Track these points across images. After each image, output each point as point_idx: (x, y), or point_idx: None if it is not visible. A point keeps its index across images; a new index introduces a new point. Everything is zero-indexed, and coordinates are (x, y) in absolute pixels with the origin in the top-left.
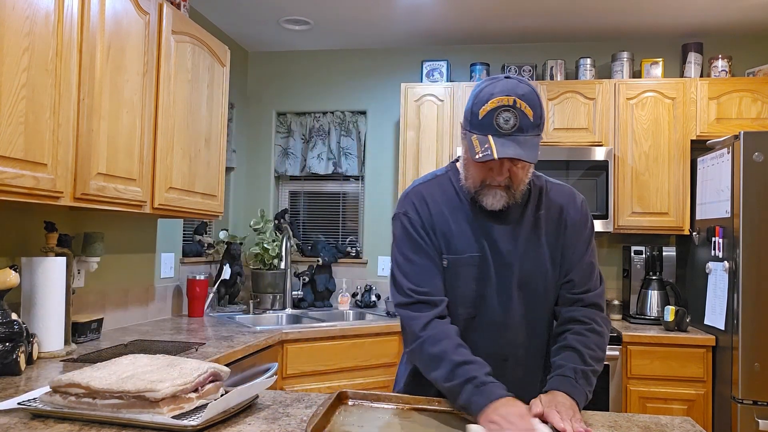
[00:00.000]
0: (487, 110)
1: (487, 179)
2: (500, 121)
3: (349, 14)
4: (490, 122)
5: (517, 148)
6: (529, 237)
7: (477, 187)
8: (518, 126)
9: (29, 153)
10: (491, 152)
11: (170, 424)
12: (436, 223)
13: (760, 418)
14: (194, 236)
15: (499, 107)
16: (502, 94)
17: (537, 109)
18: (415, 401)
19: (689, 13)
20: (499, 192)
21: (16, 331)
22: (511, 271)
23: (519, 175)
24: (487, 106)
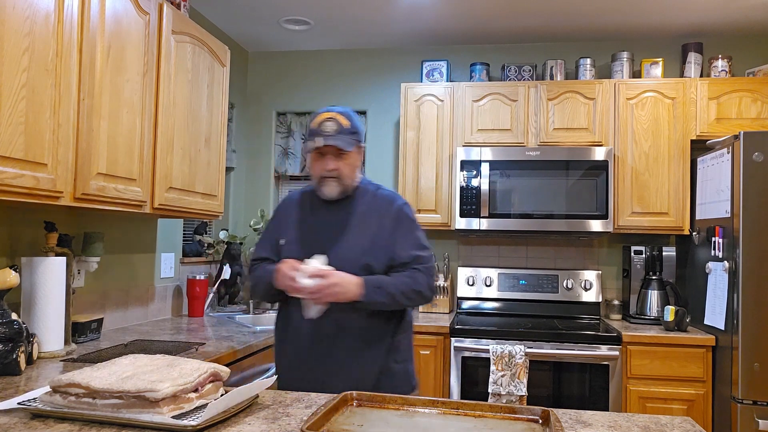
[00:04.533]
0: (318, 122)
1: (322, 173)
2: (324, 127)
3: (349, 14)
4: (318, 129)
5: (335, 140)
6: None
7: (318, 181)
8: (338, 129)
9: (29, 153)
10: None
11: (170, 424)
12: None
13: (760, 418)
14: (194, 236)
15: (324, 119)
16: (324, 112)
17: (352, 121)
18: (420, 403)
19: (689, 13)
20: (333, 182)
21: (16, 331)
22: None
23: (344, 169)
24: (317, 120)
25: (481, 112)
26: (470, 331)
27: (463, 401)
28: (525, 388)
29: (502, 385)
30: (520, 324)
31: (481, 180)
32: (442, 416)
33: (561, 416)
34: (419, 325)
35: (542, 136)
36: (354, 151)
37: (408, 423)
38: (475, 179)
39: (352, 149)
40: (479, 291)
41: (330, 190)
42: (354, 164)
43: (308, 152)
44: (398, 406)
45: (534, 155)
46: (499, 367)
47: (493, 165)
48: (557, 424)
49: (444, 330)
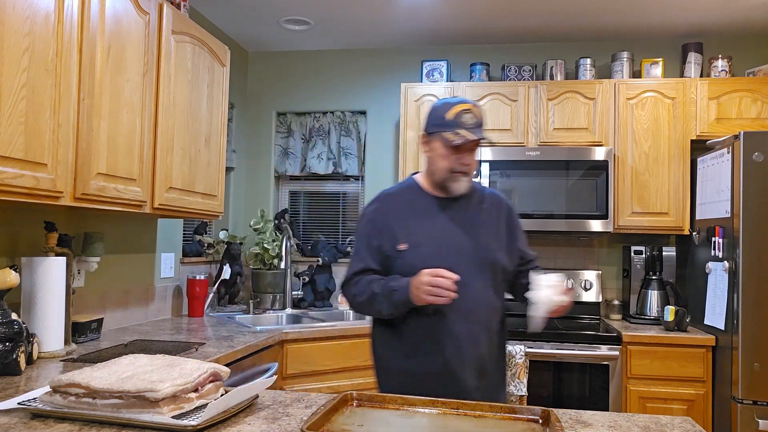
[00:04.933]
0: (455, 113)
1: (456, 167)
2: (465, 119)
3: (349, 14)
4: (458, 120)
5: (479, 134)
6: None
7: (446, 176)
8: (478, 122)
9: (29, 153)
10: (466, 137)
11: (170, 424)
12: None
13: (760, 418)
14: (194, 236)
15: (463, 110)
16: (461, 103)
17: (482, 114)
18: (420, 403)
19: (689, 13)
20: (464, 178)
21: (16, 331)
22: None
23: (474, 164)
24: (454, 110)
25: None
26: None
27: (463, 401)
28: (525, 388)
29: None
30: (520, 324)
31: (481, 180)
32: (442, 416)
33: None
34: None
35: (542, 136)
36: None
37: (408, 423)
38: (474, 179)
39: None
40: None
41: (461, 185)
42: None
43: (448, 146)
44: (398, 406)
45: (534, 155)
46: None
47: (493, 165)
48: (557, 424)
49: None
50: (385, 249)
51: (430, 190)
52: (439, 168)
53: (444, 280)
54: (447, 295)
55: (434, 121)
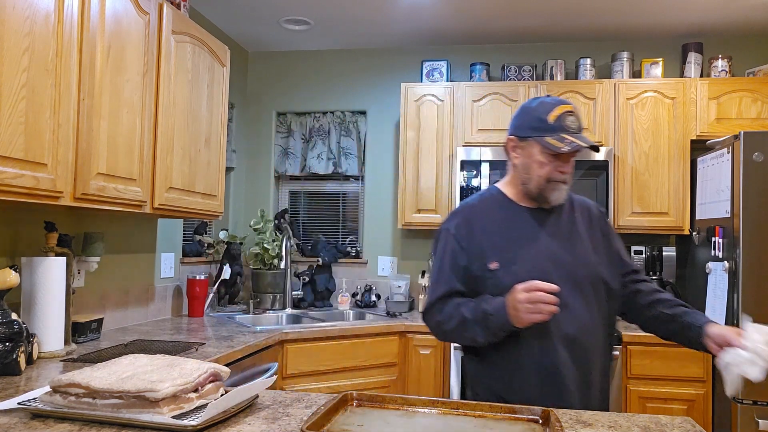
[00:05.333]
0: (556, 115)
1: (554, 176)
2: (568, 123)
3: (349, 14)
4: (561, 124)
5: (587, 140)
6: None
7: (543, 186)
8: (580, 126)
9: (29, 153)
10: (576, 143)
11: (170, 424)
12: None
13: (760, 418)
14: (194, 236)
15: (565, 112)
16: (561, 104)
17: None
18: (420, 403)
19: (689, 13)
20: (563, 186)
21: (16, 331)
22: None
23: (572, 172)
24: (556, 112)
25: (481, 112)
26: None
27: (463, 401)
28: None
29: None
30: None
31: (481, 180)
32: (442, 416)
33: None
34: (419, 325)
35: None
36: None
37: (408, 423)
38: (475, 179)
39: None
40: None
41: (560, 195)
42: None
43: (549, 153)
44: (398, 406)
45: None
46: None
47: (494, 165)
48: (557, 424)
49: None
50: (473, 269)
51: (519, 200)
52: (535, 176)
53: (542, 293)
54: (548, 310)
55: (530, 123)
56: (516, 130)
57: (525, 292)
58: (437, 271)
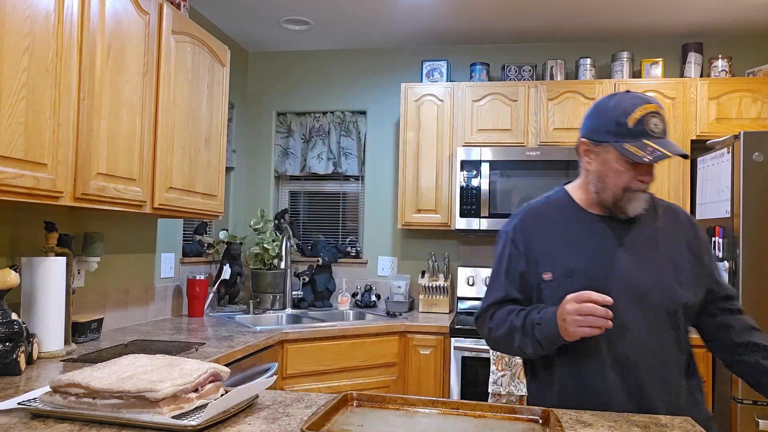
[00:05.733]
0: (637, 118)
1: (632, 185)
2: (651, 126)
3: (349, 14)
4: (643, 128)
5: (671, 147)
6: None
7: (619, 196)
8: (664, 129)
9: (29, 153)
10: (661, 152)
11: (170, 424)
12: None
13: (760, 418)
14: (194, 236)
15: (648, 113)
16: (646, 103)
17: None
18: (420, 403)
19: (689, 13)
20: (643, 196)
21: (16, 331)
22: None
23: (653, 179)
24: (636, 114)
25: (481, 112)
26: (470, 331)
27: (463, 401)
28: (525, 388)
29: (503, 385)
30: None
31: (481, 180)
32: (442, 416)
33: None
34: (419, 325)
35: (542, 136)
36: None
37: (408, 423)
38: (475, 179)
39: None
40: (479, 291)
41: (638, 206)
42: None
43: (629, 161)
44: (398, 406)
45: (534, 155)
46: (500, 367)
47: (493, 165)
48: (557, 424)
49: (444, 330)
50: (529, 276)
51: (588, 206)
52: (610, 185)
53: (593, 306)
54: (600, 324)
55: (606, 126)
56: (589, 132)
57: (575, 302)
58: (493, 276)
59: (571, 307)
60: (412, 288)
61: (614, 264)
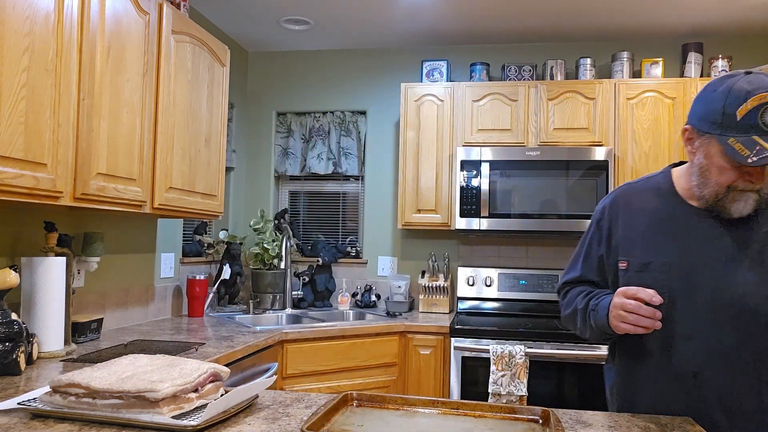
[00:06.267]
0: (748, 109)
1: (738, 184)
2: (766, 120)
3: (349, 14)
4: (754, 122)
5: None
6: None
7: (722, 194)
8: None
9: (29, 153)
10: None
11: (170, 424)
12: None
13: None
14: (194, 236)
15: (763, 105)
16: (762, 91)
17: None
18: (420, 403)
19: (689, 13)
20: (751, 196)
21: (16, 331)
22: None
23: (765, 180)
24: (748, 105)
25: (481, 112)
26: (470, 331)
27: (463, 401)
28: (525, 388)
29: (502, 385)
30: (520, 324)
31: (481, 180)
32: (442, 416)
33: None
34: (419, 325)
35: (542, 136)
36: None
37: (408, 423)
38: (475, 179)
39: None
40: (479, 291)
41: (744, 207)
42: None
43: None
44: (398, 406)
45: (534, 155)
46: (499, 367)
47: (493, 165)
48: (557, 425)
49: (444, 330)
50: (608, 262)
51: (688, 197)
52: (712, 182)
53: (638, 304)
54: (643, 324)
55: (713, 115)
56: (695, 119)
57: (623, 296)
58: (575, 254)
59: (618, 300)
60: (412, 288)
61: (697, 261)
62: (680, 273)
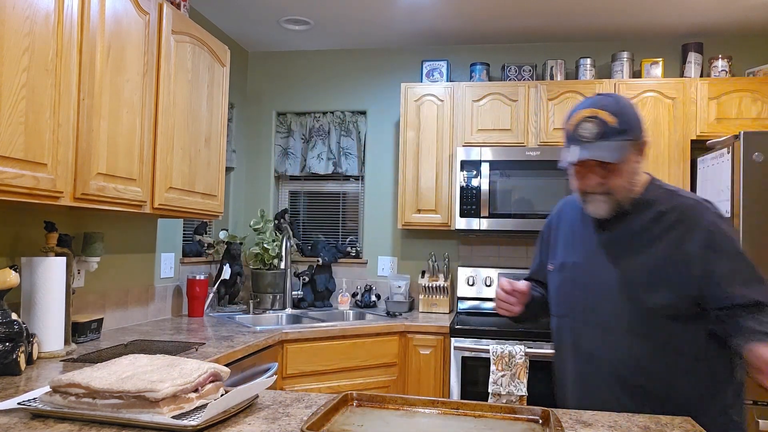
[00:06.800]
0: (573, 124)
1: (583, 188)
2: (581, 131)
3: (349, 14)
4: (574, 134)
5: (594, 151)
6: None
7: (582, 199)
8: (600, 133)
9: (29, 153)
10: (567, 158)
11: (170, 424)
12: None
13: (760, 418)
14: (194, 236)
15: (582, 119)
16: (584, 107)
17: (622, 116)
18: (420, 403)
19: (689, 13)
20: (599, 198)
21: (16, 331)
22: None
23: (615, 181)
24: (572, 120)
25: (481, 112)
26: (470, 331)
27: (463, 401)
28: (525, 388)
29: (502, 385)
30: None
31: (481, 180)
32: (442, 416)
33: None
34: (419, 325)
35: (542, 136)
36: (629, 157)
37: (408, 423)
38: (475, 179)
39: (623, 156)
40: (479, 291)
41: (596, 208)
42: (630, 171)
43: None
44: (398, 406)
45: (534, 155)
46: (499, 367)
47: (493, 165)
48: (557, 424)
49: (444, 330)
50: (544, 265)
51: None
52: (573, 188)
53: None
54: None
55: (564, 131)
56: None
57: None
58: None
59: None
60: (412, 288)
61: (595, 261)
62: (580, 271)
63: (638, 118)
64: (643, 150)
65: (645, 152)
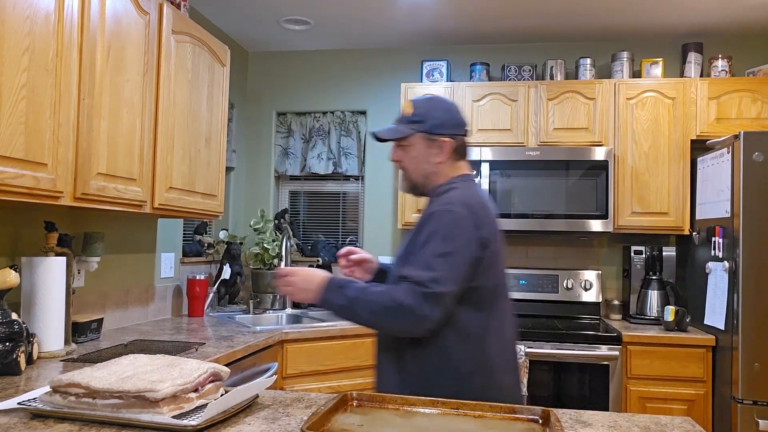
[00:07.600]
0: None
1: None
2: (400, 112)
3: (349, 14)
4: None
5: (382, 129)
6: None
7: None
8: (398, 119)
9: (29, 153)
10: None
11: (170, 424)
12: None
13: (760, 418)
14: (194, 236)
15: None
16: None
17: (421, 110)
18: (420, 403)
19: (689, 13)
20: (401, 174)
21: (16, 331)
22: None
23: (407, 163)
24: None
25: (481, 112)
26: None
27: (463, 401)
28: (525, 388)
29: None
30: (520, 324)
31: (481, 180)
32: (442, 416)
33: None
34: None
35: (542, 136)
36: (415, 142)
37: (408, 423)
38: (475, 179)
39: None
40: None
41: (399, 183)
42: (416, 157)
43: None
44: (398, 406)
45: (534, 155)
46: None
47: (493, 165)
48: (557, 424)
49: None
50: None
51: None
52: None
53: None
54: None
55: None
56: None
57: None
58: None
59: None
60: None
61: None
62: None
63: (440, 117)
64: (443, 146)
65: (445, 149)
